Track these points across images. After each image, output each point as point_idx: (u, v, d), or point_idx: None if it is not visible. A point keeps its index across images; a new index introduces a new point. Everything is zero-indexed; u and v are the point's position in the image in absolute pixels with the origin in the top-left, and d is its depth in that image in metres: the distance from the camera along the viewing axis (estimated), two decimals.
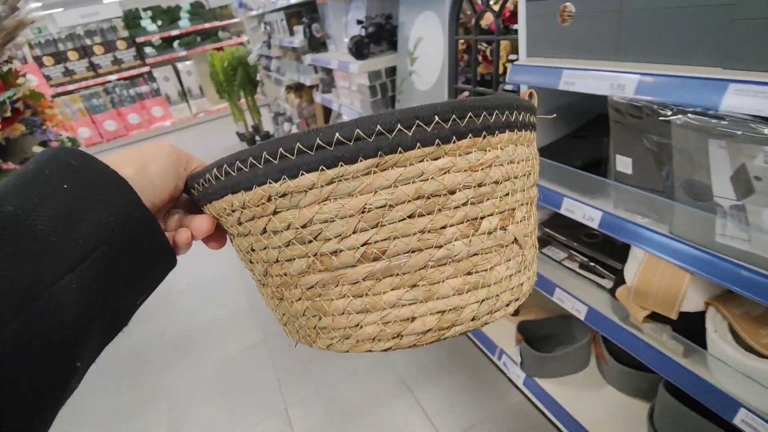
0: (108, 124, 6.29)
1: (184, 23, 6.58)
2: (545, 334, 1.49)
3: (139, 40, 6.37)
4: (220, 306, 2.35)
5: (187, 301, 2.45)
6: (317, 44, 2.55)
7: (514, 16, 1.35)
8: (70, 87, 6.08)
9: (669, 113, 0.66)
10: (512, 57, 1.45)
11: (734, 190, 0.63)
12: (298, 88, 3.48)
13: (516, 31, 1.37)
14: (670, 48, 0.72)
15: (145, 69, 6.45)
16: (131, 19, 6.35)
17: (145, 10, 6.49)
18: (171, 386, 1.87)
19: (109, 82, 6.27)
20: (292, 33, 2.87)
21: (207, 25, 6.69)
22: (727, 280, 0.70)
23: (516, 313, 1.65)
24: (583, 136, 1.14)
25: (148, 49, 6.47)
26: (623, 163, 0.85)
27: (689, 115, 0.63)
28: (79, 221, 0.28)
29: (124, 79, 6.35)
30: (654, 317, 0.91)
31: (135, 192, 0.31)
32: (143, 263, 0.33)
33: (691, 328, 0.88)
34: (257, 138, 4.91)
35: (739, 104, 0.58)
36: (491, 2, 1.27)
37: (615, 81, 0.76)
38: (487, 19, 1.37)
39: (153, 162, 0.34)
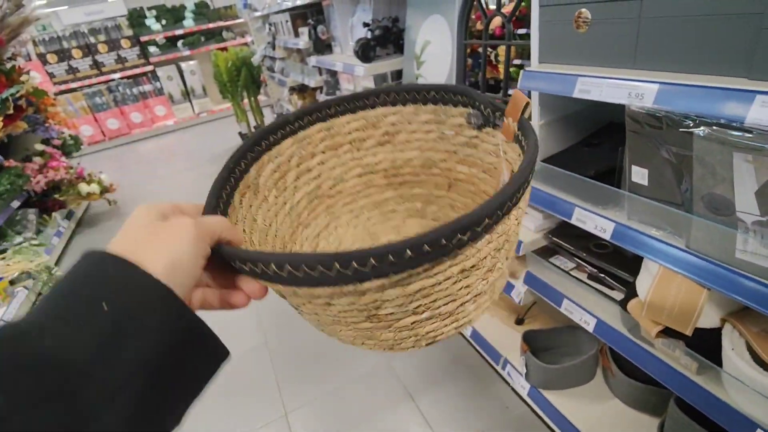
0: (111, 123, 6.28)
1: (189, 23, 6.58)
2: (551, 345, 1.46)
3: (143, 38, 6.37)
4: None
5: None
6: (322, 46, 2.53)
7: (519, 21, 1.33)
8: (74, 85, 6.08)
9: (691, 124, 0.64)
10: (516, 62, 1.43)
11: (759, 205, 0.61)
12: (301, 90, 3.47)
13: (522, 36, 1.36)
14: (692, 57, 0.69)
15: (149, 68, 6.45)
16: (136, 17, 6.35)
17: (149, 9, 6.49)
18: None
19: (113, 80, 6.27)
20: (297, 34, 2.86)
21: (211, 25, 6.68)
22: (748, 298, 0.68)
23: (521, 322, 1.63)
24: (594, 145, 1.12)
25: (152, 48, 6.47)
26: (639, 174, 0.83)
27: (713, 127, 0.61)
28: (122, 345, 0.27)
29: (128, 77, 6.34)
30: (666, 332, 0.88)
31: (179, 299, 0.30)
32: (194, 367, 0.31)
33: (704, 344, 0.85)
34: None
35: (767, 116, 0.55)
36: (502, 7, 1.25)
37: (633, 90, 0.74)
38: (492, 24, 1.35)
39: (181, 254, 0.32)
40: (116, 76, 6.26)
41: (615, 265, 1.11)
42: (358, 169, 0.59)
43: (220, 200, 0.42)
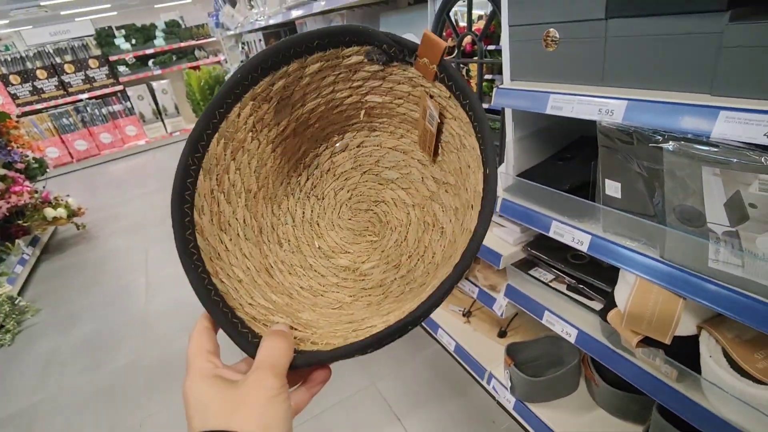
0: (78, 144, 6.10)
1: (160, 42, 6.50)
2: (534, 356, 1.47)
3: (113, 58, 6.25)
4: None
5: (164, 326, 2.34)
6: None
7: (488, 38, 1.36)
8: (39, 106, 5.90)
9: (660, 139, 0.66)
10: (487, 77, 1.46)
11: (728, 216, 0.63)
12: None
13: (491, 52, 1.39)
14: (657, 74, 0.72)
15: (119, 87, 6.32)
16: (104, 37, 6.24)
17: (118, 28, 6.39)
18: (149, 420, 1.76)
19: (80, 100, 6.11)
20: None
21: (183, 44, 6.62)
22: (721, 306, 0.69)
23: (503, 334, 1.63)
24: (567, 159, 1.14)
25: (121, 68, 6.36)
26: (612, 188, 0.85)
27: (682, 142, 0.63)
28: None
29: (96, 97, 6.20)
30: (646, 341, 0.89)
31: None
32: None
33: (683, 352, 0.87)
34: None
35: (731, 131, 0.58)
36: (473, 25, 1.28)
37: (603, 106, 0.76)
38: (463, 40, 1.38)
39: (275, 409, 0.34)
40: (84, 96, 6.11)
41: (593, 275, 1.12)
42: (269, 146, 0.55)
43: (222, 308, 0.43)
